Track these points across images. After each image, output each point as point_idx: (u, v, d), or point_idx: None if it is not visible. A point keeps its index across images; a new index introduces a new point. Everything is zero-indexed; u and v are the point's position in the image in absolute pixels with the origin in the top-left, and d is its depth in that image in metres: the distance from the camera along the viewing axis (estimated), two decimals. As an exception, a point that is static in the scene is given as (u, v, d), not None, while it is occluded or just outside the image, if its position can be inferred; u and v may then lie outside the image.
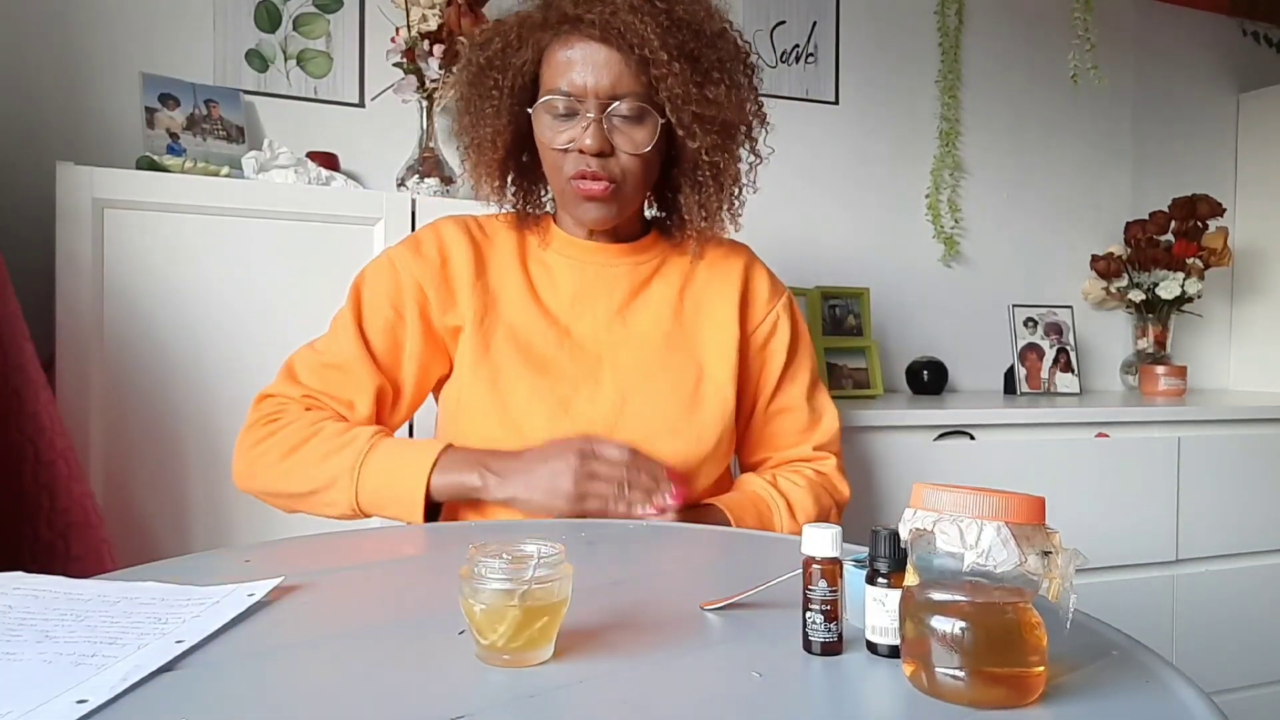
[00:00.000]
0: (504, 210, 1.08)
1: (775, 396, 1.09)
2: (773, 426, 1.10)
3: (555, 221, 1.09)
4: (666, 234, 1.10)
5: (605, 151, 0.95)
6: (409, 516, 0.92)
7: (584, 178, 0.96)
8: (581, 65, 0.94)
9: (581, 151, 0.95)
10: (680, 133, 0.97)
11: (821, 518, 1.03)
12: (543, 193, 1.09)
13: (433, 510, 0.93)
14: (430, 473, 0.91)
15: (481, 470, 0.91)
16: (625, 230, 1.07)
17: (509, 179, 1.06)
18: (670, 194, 1.08)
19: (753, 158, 1.06)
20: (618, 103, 0.94)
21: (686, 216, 1.04)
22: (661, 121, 0.96)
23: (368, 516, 0.95)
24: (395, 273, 1.02)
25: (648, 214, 1.14)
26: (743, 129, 1.03)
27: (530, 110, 0.99)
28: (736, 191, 1.04)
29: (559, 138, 0.96)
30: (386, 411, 1.03)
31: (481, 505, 0.95)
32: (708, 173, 1.01)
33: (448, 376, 1.05)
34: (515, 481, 0.90)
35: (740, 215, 1.07)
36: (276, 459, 0.95)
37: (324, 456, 0.93)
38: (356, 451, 0.93)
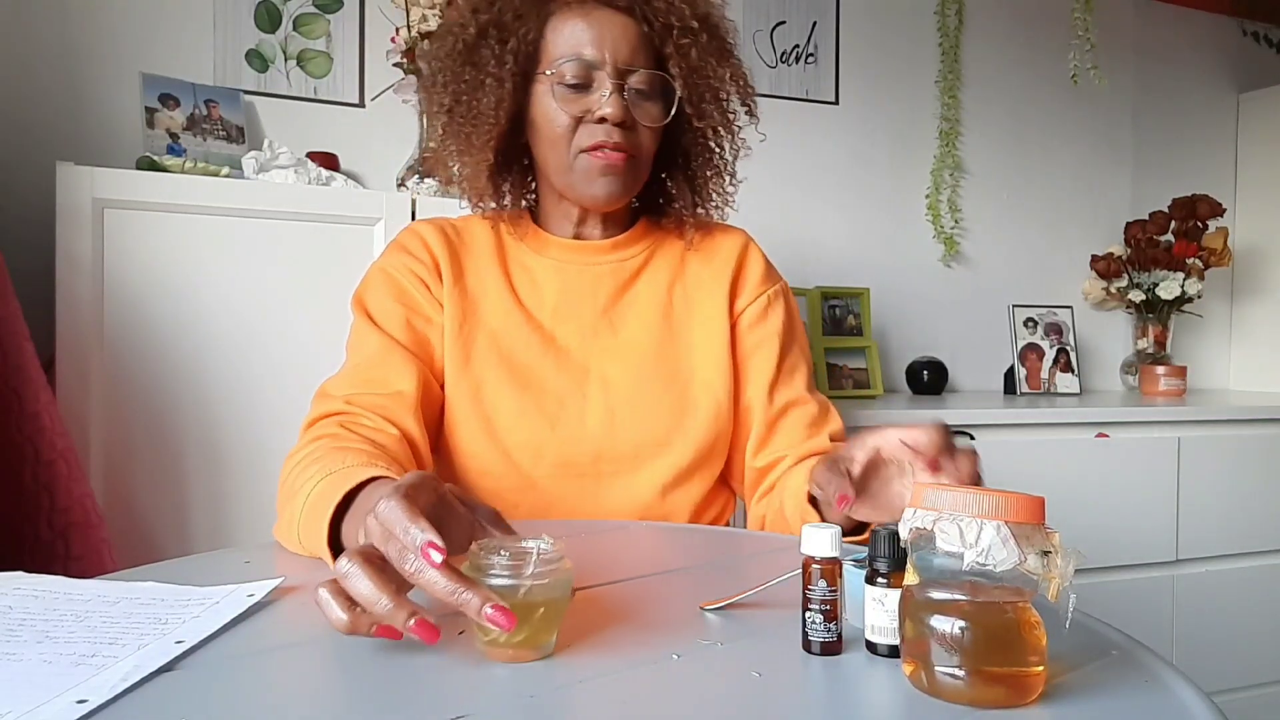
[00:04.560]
0: (485, 206, 1.01)
1: (778, 389, 1.00)
2: (783, 423, 1.00)
3: (535, 218, 1.03)
4: (656, 223, 1.04)
5: (627, 122, 0.90)
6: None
7: (603, 148, 0.90)
8: (599, 33, 0.89)
9: (601, 120, 0.89)
10: (689, 110, 0.94)
11: None
12: (526, 185, 1.03)
13: None
14: (330, 519, 0.68)
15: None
16: (614, 222, 1.02)
17: (497, 164, 0.98)
18: (662, 178, 1.03)
19: (740, 144, 1.02)
20: (637, 73, 0.90)
21: (680, 202, 1.01)
22: (678, 96, 0.93)
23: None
24: (390, 276, 0.97)
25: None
26: (743, 110, 1.01)
27: (537, 77, 0.92)
28: (729, 178, 1.02)
29: (571, 107, 0.90)
30: (435, 401, 0.94)
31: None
32: (704, 155, 0.99)
33: None
34: None
35: (733, 201, 1.04)
36: (279, 509, 0.80)
37: (288, 501, 0.76)
38: (303, 494, 0.73)
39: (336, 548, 0.68)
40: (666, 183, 1.03)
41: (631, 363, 0.97)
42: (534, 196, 1.04)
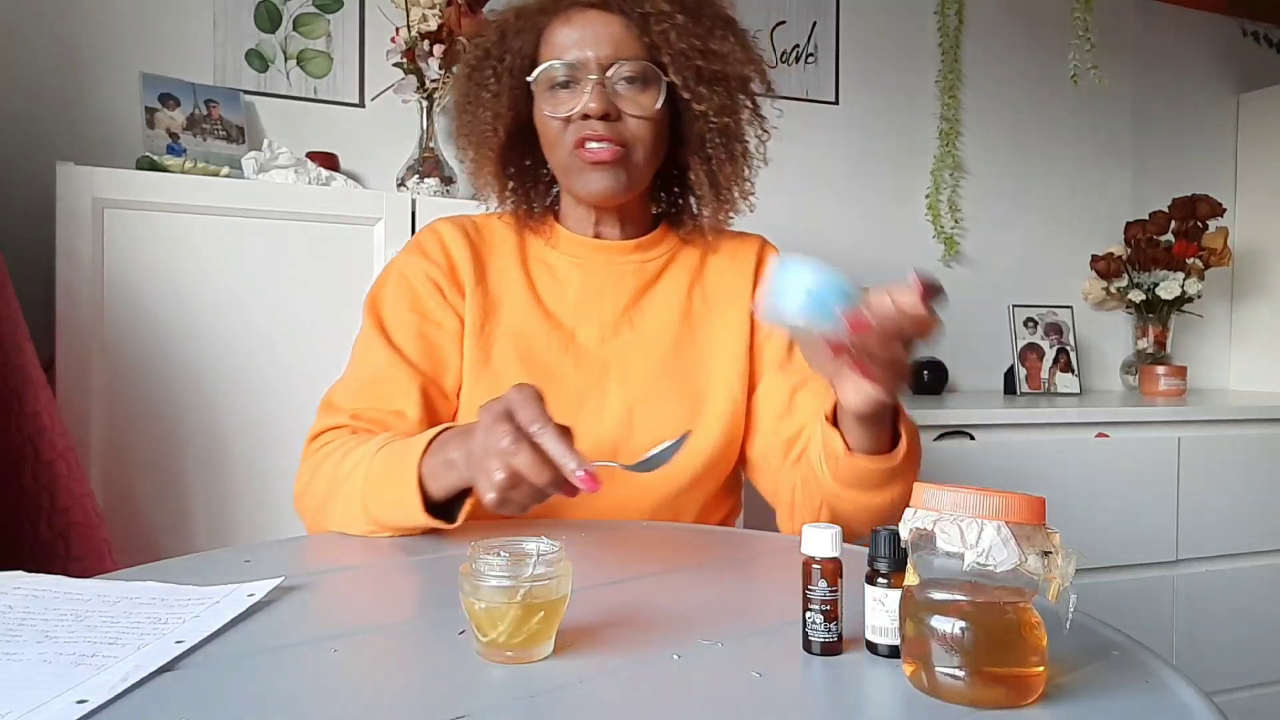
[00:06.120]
0: (504, 209, 1.04)
1: (792, 365, 1.00)
2: (802, 394, 0.99)
3: (558, 220, 1.05)
4: (675, 228, 1.07)
5: (610, 114, 0.92)
6: (412, 519, 0.77)
7: (588, 142, 0.92)
8: (580, 35, 0.92)
9: (586, 117, 0.92)
10: (686, 95, 0.95)
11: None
12: (545, 189, 1.06)
13: (448, 511, 0.78)
14: (420, 459, 0.76)
15: (463, 444, 0.72)
16: (632, 224, 1.04)
17: (509, 172, 1.02)
18: (679, 178, 1.05)
19: (760, 131, 1.03)
20: (619, 65, 0.92)
21: (699, 193, 1.01)
22: (666, 82, 0.94)
23: (405, 534, 0.82)
24: (405, 279, 0.98)
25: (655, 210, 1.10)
26: (750, 89, 1.00)
27: (531, 85, 0.96)
28: (747, 162, 1.02)
29: (560, 107, 0.93)
30: (439, 414, 0.96)
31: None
32: (718, 140, 0.98)
33: None
34: (465, 458, 0.71)
35: (753, 193, 1.03)
36: (321, 503, 0.86)
37: (344, 479, 0.83)
38: (364, 463, 0.81)
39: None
40: (686, 178, 1.03)
41: (650, 360, 0.99)
42: (555, 201, 1.07)
